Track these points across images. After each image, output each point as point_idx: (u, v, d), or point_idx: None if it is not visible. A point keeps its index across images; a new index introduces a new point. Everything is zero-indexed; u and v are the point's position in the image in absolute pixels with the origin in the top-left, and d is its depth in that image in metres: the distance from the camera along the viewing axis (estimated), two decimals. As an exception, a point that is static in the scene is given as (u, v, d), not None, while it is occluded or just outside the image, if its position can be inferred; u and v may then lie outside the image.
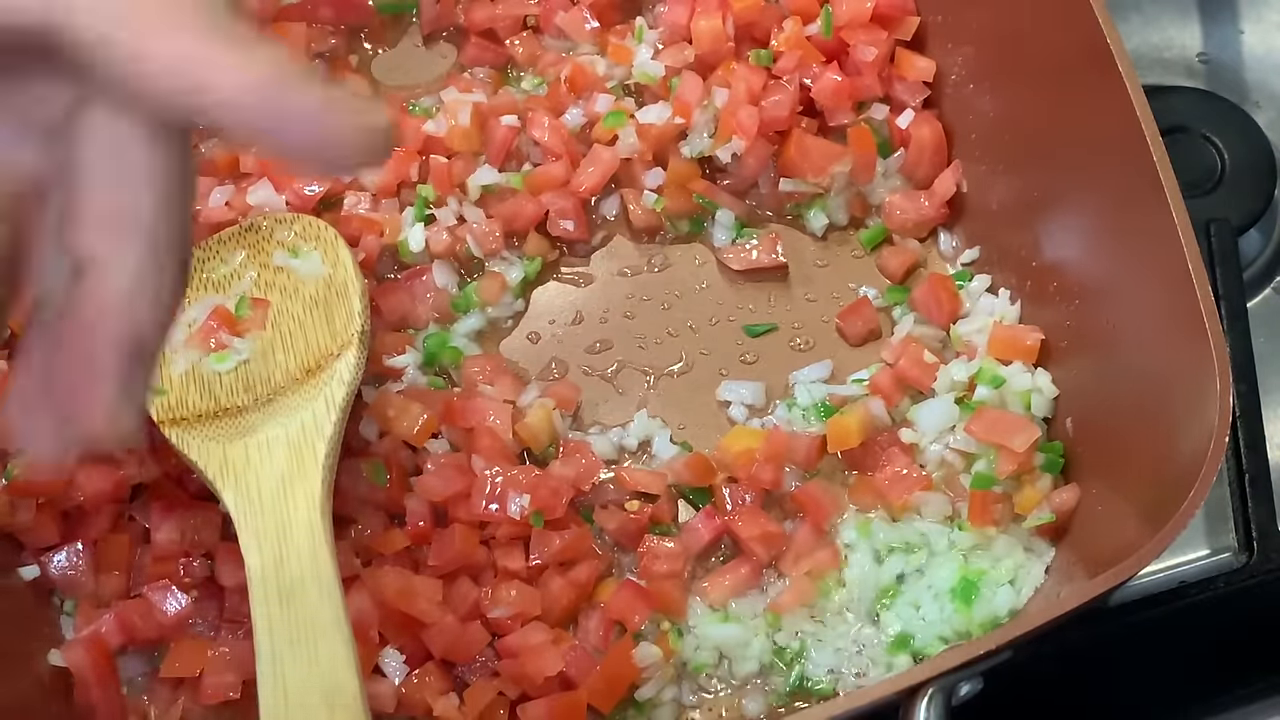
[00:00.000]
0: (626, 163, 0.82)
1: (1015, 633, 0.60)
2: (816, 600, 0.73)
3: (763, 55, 0.81)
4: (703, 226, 0.83)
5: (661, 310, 0.82)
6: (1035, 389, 0.74)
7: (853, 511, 0.75)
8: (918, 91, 0.82)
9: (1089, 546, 0.70)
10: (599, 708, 0.70)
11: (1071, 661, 0.77)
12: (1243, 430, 0.77)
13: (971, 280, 0.80)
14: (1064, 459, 0.73)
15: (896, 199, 0.82)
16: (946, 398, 0.76)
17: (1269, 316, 0.84)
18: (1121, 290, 0.70)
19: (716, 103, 0.81)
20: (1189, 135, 0.85)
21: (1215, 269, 0.80)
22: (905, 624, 0.71)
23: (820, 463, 0.77)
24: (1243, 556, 0.77)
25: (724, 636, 0.72)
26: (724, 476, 0.76)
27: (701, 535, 0.74)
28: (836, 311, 0.81)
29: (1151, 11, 0.92)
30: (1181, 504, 0.59)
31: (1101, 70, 0.66)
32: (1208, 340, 0.61)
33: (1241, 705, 0.78)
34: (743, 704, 0.71)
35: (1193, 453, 0.60)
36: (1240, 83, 0.90)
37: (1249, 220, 0.84)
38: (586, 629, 0.71)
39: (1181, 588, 0.77)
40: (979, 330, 0.77)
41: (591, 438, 0.77)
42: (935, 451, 0.75)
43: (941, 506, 0.74)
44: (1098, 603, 0.60)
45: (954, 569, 0.72)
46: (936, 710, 0.59)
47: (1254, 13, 0.92)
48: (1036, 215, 0.76)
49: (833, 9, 0.81)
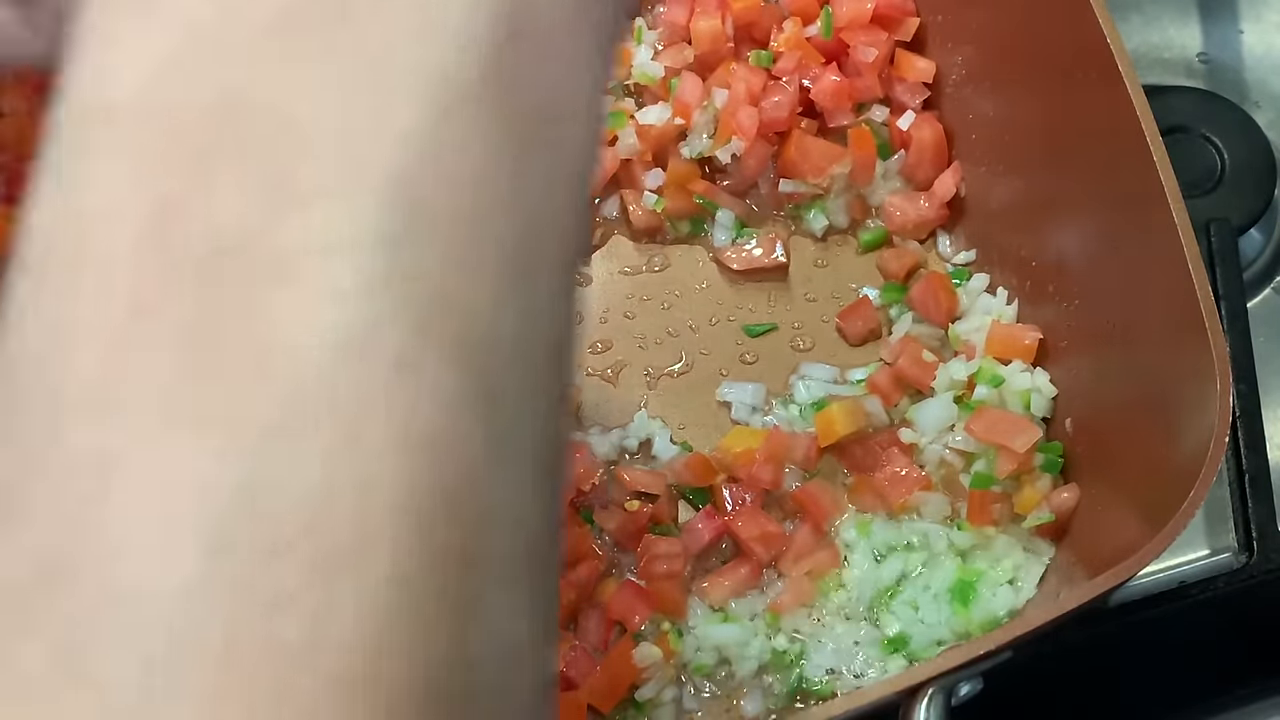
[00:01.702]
0: (626, 163, 0.82)
1: (1015, 633, 0.60)
2: (816, 600, 0.73)
3: (762, 56, 0.81)
4: (703, 227, 0.83)
5: (661, 310, 0.82)
6: (1034, 389, 0.74)
7: (852, 511, 0.75)
8: (918, 93, 0.82)
9: (1089, 546, 0.70)
10: (599, 708, 0.70)
11: (1071, 661, 0.77)
12: (1243, 430, 0.77)
13: (970, 279, 0.80)
14: (1063, 459, 0.73)
15: (896, 200, 0.82)
16: (946, 397, 0.76)
17: (1269, 316, 0.84)
18: (1121, 290, 0.70)
19: (716, 103, 0.81)
20: (1189, 135, 0.85)
21: (1215, 269, 0.80)
22: (904, 624, 0.71)
23: (820, 463, 0.77)
24: (1243, 556, 0.77)
25: (724, 636, 0.72)
26: (724, 476, 0.76)
27: (701, 535, 0.74)
28: (836, 311, 0.81)
29: (1151, 11, 0.92)
30: (1181, 504, 0.59)
31: (1101, 70, 0.66)
32: (1208, 340, 0.61)
33: (1241, 705, 0.78)
34: (742, 704, 0.71)
35: (1193, 453, 0.60)
36: (1240, 83, 0.90)
37: (1249, 220, 0.84)
38: (586, 629, 0.71)
39: (1181, 588, 0.77)
40: (977, 329, 0.77)
41: (591, 438, 0.77)
42: (935, 451, 0.75)
43: (941, 506, 0.74)
44: (1098, 603, 0.60)
45: (953, 569, 0.72)
46: (936, 710, 0.59)
47: (1254, 13, 0.92)
48: (1036, 215, 0.76)
49: (833, 10, 0.81)
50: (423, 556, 0.21)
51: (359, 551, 0.20)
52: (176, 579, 0.20)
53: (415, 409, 0.21)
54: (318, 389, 0.20)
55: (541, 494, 0.24)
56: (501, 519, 0.23)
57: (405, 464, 0.21)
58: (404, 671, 0.20)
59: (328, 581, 0.20)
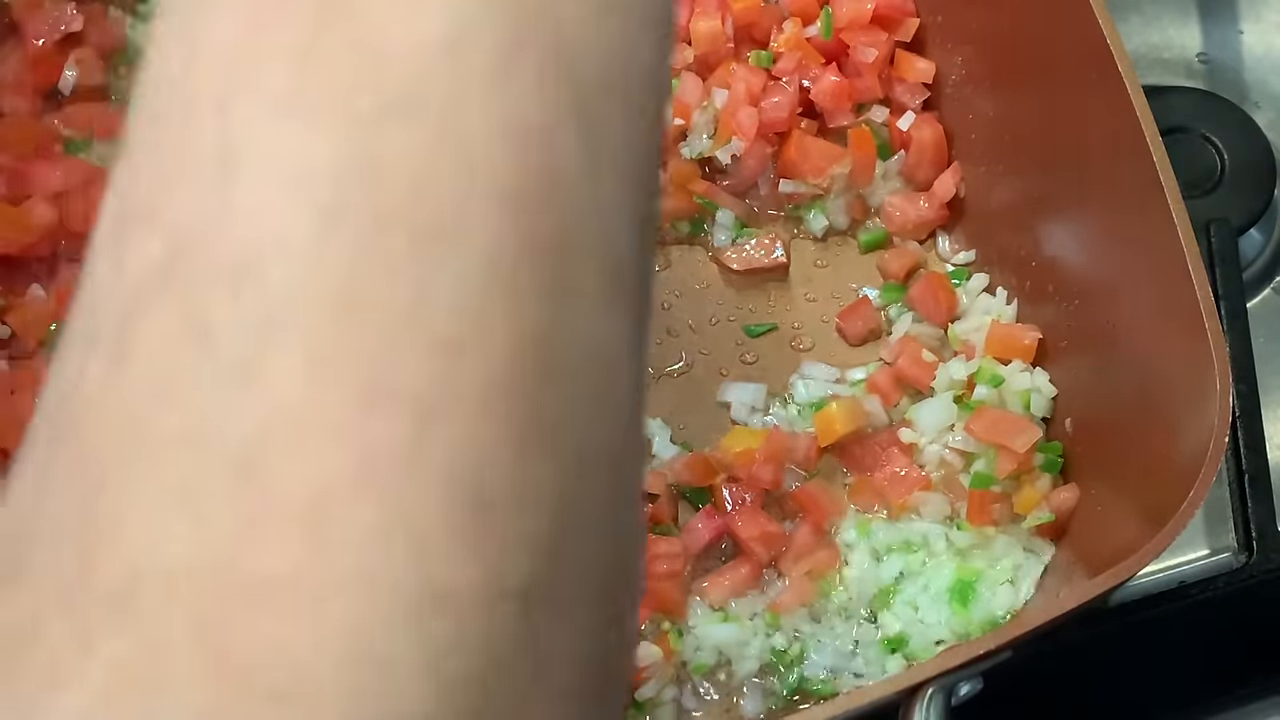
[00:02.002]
0: (626, 163, 0.82)
1: (1015, 633, 0.60)
2: (816, 600, 0.73)
3: (762, 56, 0.81)
4: (703, 227, 0.83)
5: (661, 310, 0.82)
6: (1034, 389, 0.74)
7: (852, 511, 0.75)
8: (917, 93, 0.82)
9: (1089, 546, 0.70)
10: (599, 708, 0.69)
11: (1071, 661, 0.77)
12: (1242, 430, 0.77)
13: (969, 279, 0.80)
14: (1063, 459, 0.73)
15: (896, 201, 0.82)
16: (945, 396, 0.76)
17: (1269, 316, 0.84)
18: (1121, 290, 0.70)
19: (716, 103, 0.81)
20: (1189, 135, 0.85)
21: (1215, 269, 0.80)
22: (904, 624, 0.71)
23: (820, 463, 0.77)
24: (1242, 556, 0.77)
25: (724, 636, 0.72)
26: (724, 476, 0.76)
27: (701, 535, 0.74)
28: (836, 311, 0.81)
29: (1151, 11, 0.92)
30: (1181, 504, 0.59)
31: (1101, 70, 0.66)
32: (1207, 340, 0.61)
33: (1241, 705, 0.78)
34: (742, 704, 0.71)
35: (1192, 453, 0.60)
36: (1240, 83, 0.90)
37: (1249, 220, 0.84)
38: (586, 629, 0.71)
39: (1181, 588, 0.77)
40: (977, 329, 0.77)
41: (591, 438, 0.77)
42: (934, 451, 0.75)
43: (940, 506, 0.74)
44: (1098, 603, 0.60)
45: (952, 569, 0.72)
46: (936, 710, 0.59)
47: (1254, 13, 0.92)
48: (1036, 216, 0.76)
49: (833, 10, 0.81)
50: (516, 239, 0.23)
51: (459, 227, 0.22)
52: (294, 243, 0.22)
53: (511, 106, 0.23)
54: (418, 84, 0.22)
55: (632, 213, 0.26)
56: (594, 225, 0.24)
57: (501, 154, 0.23)
58: (500, 339, 0.22)
59: (431, 251, 0.22)
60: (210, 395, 0.22)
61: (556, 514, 0.23)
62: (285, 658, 0.21)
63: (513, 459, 0.23)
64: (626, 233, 0.25)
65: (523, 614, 0.23)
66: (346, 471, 0.21)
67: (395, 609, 0.21)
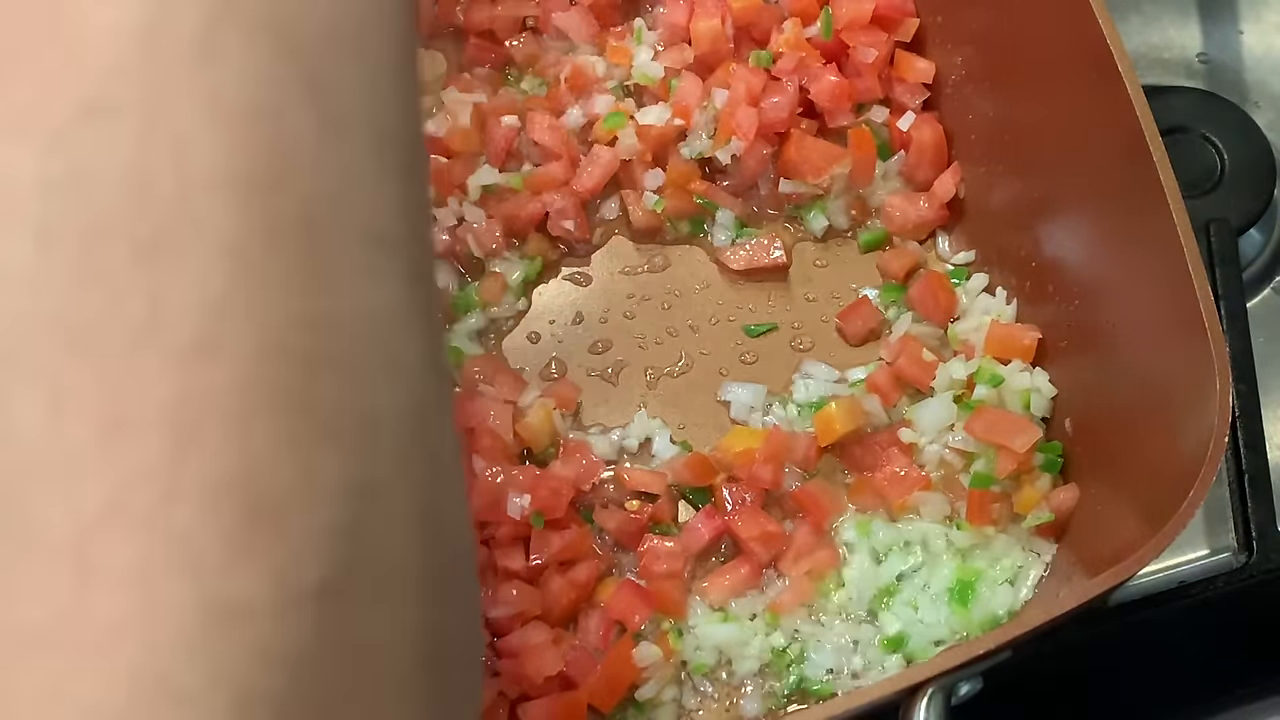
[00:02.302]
0: (626, 164, 0.82)
1: (1014, 633, 0.60)
2: (816, 600, 0.73)
3: (762, 56, 0.81)
4: (703, 227, 0.83)
5: (661, 310, 0.82)
6: (1034, 388, 0.74)
7: (852, 511, 0.75)
8: (917, 93, 0.82)
9: (1089, 546, 0.70)
10: (599, 708, 0.70)
11: (1071, 661, 0.77)
12: (1242, 430, 0.77)
13: (969, 279, 0.80)
14: (1063, 459, 0.73)
15: (896, 201, 0.82)
16: (945, 396, 0.76)
17: (1269, 316, 0.84)
18: (1121, 290, 0.70)
19: (716, 104, 0.81)
20: (1189, 135, 0.85)
21: (1215, 269, 0.80)
22: (904, 624, 0.71)
23: (820, 462, 0.77)
24: (1242, 556, 0.77)
25: (724, 636, 0.72)
26: (724, 476, 0.76)
27: (701, 535, 0.74)
28: (836, 311, 0.81)
29: (1151, 11, 0.92)
30: (1181, 504, 0.59)
31: (1101, 70, 0.66)
32: (1207, 340, 0.61)
33: (1241, 705, 0.78)
34: (742, 704, 0.71)
35: (1192, 453, 0.60)
36: (1240, 83, 0.90)
37: (1249, 220, 0.84)
38: (586, 629, 0.71)
39: (1181, 588, 0.77)
40: (976, 329, 0.77)
41: (591, 438, 0.77)
42: (934, 451, 0.75)
43: (940, 506, 0.74)
44: (1097, 603, 0.60)
45: (952, 569, 0.72)
46: (936, 710, 0.59)
47: (1254, 13, 0.92)
48: (1035, 216, 0.76)
49: (832, 10, 0.81)
50: (254, 224, 0.21)
51: (186, 226, 0.21)
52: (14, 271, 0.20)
53: (223, 86, 0.21)
54: (119, 75, 0.21)
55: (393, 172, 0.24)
56: (347, 193, 0.23)
57: (219, 139, 0.21)
58: (252, 334, 0.21)
59: (159, 258, 0.20)
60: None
61: (353, 497, 0.22)
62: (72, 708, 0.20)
63: (288, 456, 0.21)
64: (386, 193, 0.24)
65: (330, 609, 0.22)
66: (100, 509, 0.20)
67: (180, 638, 0.20)
